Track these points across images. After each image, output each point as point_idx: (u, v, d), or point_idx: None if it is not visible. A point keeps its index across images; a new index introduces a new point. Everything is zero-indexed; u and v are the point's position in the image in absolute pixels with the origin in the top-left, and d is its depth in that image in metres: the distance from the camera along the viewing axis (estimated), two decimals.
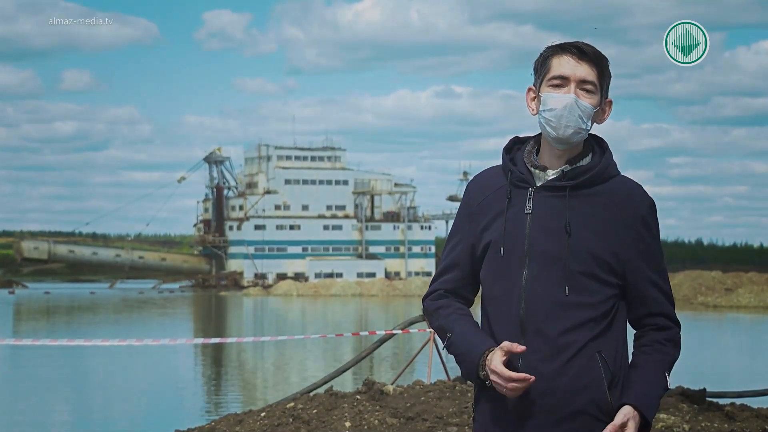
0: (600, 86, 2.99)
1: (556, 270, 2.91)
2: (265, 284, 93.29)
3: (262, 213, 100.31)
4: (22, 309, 57.44)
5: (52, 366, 25.17)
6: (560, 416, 2.89)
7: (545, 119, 2.96)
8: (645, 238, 2.97)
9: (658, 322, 3.05)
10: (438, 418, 7.92)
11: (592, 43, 3.01)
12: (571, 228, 2.92)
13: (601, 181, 2.96)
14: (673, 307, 3.10)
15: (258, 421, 8.46)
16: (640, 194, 2.99)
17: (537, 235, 2.94)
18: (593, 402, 2.90)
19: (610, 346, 2.95)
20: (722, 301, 60.09)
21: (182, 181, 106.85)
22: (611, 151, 3.04)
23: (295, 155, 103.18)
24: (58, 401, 19.01)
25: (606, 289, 2.94)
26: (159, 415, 17.03)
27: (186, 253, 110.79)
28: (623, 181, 3.00)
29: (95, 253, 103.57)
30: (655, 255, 3.00)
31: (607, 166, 2.98)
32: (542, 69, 3.01)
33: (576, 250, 2.91)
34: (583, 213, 2.93)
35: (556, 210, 2.94)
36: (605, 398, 2.90)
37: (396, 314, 50.12)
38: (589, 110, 2.96)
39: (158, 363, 26.20)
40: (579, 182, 2.94)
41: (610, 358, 2.94)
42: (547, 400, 2.90)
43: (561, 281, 2.91)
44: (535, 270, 2.93)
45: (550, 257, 2.92)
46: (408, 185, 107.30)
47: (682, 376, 20.81)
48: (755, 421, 8.33)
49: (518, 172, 3.01)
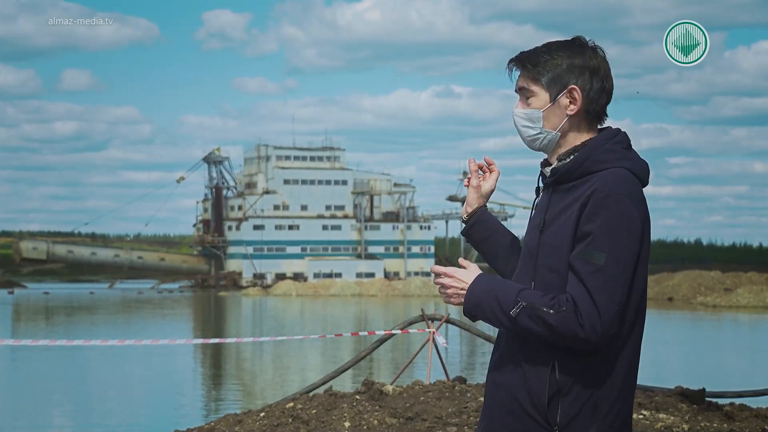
0: (542, 84, 2.98)
1: (529, 265, 2.98)
2: (264, 284, 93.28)
3: (261, 213, 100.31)
4: (21, 309, 57.42)
5: (51, 366, 25.17)
6: (509, 412, 2.90)
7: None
8: (585, 224, 2.83)
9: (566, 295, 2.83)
10: (437, 418, 7.92)
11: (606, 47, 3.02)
12: (545, 224, 2.96)
13: (577, 176, 2.93)
14: (592, 306, 2.76)
15: (257, 421, 8.46)
16: (600, 182, 2.86)
17: (528, 231, 3.06)
18: (533, 405, 2.84)
19: (564, 353, 2.83)
20: (721, 301, 60.08)
21: (181, 181, 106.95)
22: (612, 145, 2.94)
23: (294, 155, 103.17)
24: (58, 402, 19.00)
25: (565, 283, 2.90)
26: (159, 415, 17.02)
27: (185, 253, 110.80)
28: (604, 174, 2.89)
29: (94, 254, 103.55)
30: (589, 243, 2.81)
31: (584, 161, 2.92)
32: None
33: (545, 245, 2.93)
34: (557, 208, 2.95)
35: (541, 207, 3.03)
36: (543, 403, 2.82)
37: (395, 314, 50.12)
38: (531, 114, 3.01)
39: (158, 363, 26.19)
40: (555, 179, 2.98)
41: (564, 364, 2.82)
42: (498, 397, 2.94)
43: (530, 277, 2.96)
44: (521, 264, 3.04)
45: (529, 253, 2.99)
46: (407, 185, 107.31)
47: (682, 376, 20.86)
48: (754, 421, 8.34)
49: (541, 173, 3.12)
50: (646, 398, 8.76)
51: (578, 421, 2.82)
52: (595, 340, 2.76)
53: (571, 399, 2.81)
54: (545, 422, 2.82)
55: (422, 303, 49.35)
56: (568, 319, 2.76)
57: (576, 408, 2.82)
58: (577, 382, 2.82)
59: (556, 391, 2.82)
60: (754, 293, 59.54)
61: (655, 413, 8.28)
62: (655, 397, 8.80)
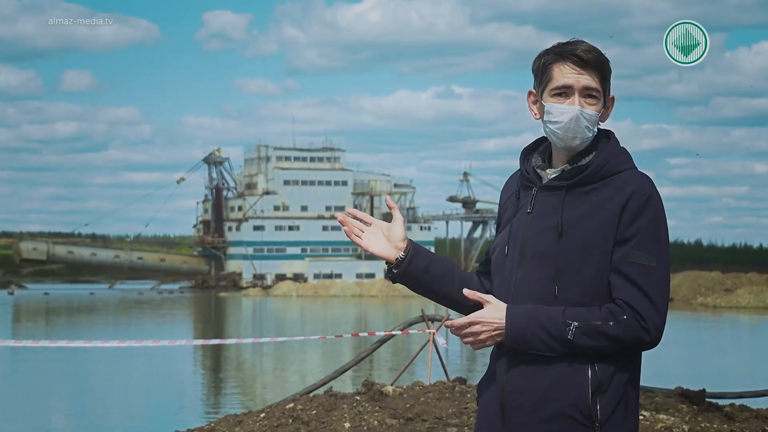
0: (603, 90, 2.98)
1: (546, 270, 2.91)
2: (264, 285, 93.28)
3: (261, 214, 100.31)
4: (22, 310, 57.42)
5: (51, 367, 25.17)
6: (542, 415, 2.87)
7: (551, 130, 2.97)
8: (627, 226, 2.87)
9: (615, 303, 2.87)
10: (437, 418, 7.92)
11: (594, 43, 3.00)
12: (563, 227, 2.90)
13: (599, 178, 2.93)
14: (651, 307, 2.84)
15: (257, 422, 8.45)
16: (636, 184, 2.91)
17: (532, 235, 2.95)
18: (575, 405, 2.85)
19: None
20: (722, 302, 60.11)
21: (181, 181, 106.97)
22: (621, 146, 3.00)
23: (295, 156, 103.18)
24: (58, 402, 19.00)
25: (597, 288, 2.90)
26: (159, 415, 17.03)
27: (185, 254, 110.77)
28: (628, 175, 2.94)
29: (94, 254, 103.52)
30: (636, 245, 2.86)
31: (605, 163, 2.94)
32: (543, 76, 2.99)
33: (570, 249, 2.88)
34: (578, 212, 2.91)
35: (552, 209, 2.94)
36: (587, 402, 2.84)
37: (396, 315, 50.11)
38: (594, 117, 2.96)
39: (158, 364, 26.19)
40: (574, 181, 2.94)
41: (601, 363, 2.87)
42: (530, 397, 2.88)
43: (550, 281, 2.90)
44: (527, 269, 2.94)
45: (542, 257, 2.92)
46: (408, 186, 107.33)
47: (682, 377, 20.85)
48: (755, 421, 8.33)
49: (525, 172, 3.04)
50: (646, 399, 8.75)
51: (615, 417, 2.87)
52: (657, 340, 2.87)
53: (608, 396, 2.86)
54: (587, 421, 2.84)
55: (422, 304, 49.27)
56: (632, 327, 2.83)
57: (613, 405, 2.87)
58: (613, 379, 2.87)
59: (596, 389, 2.85)
60: (755, 294, 59.57)
61: (656, 414, 8.28)
62: (655, 398, 8.79)
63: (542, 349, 2.85)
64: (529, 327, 2.85)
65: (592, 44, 2.98)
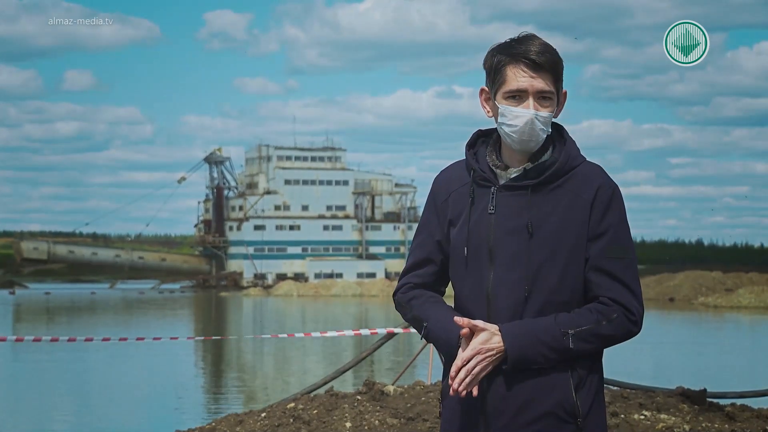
0: (557, 90, 2.95)
1: (520, 270, 2.88)
2: (265, 285, 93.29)
3: (262, 213, 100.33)
4: (22, 309, 57.44)
5: (52, 367, 25.18)
6: (527, 417, 2.87)
7: (506, 132, 2.93)
8: (599, 222, 2.90)
9: (600, 301, 2.90)
10: (438, 418, 7.92)
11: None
12: (533, 227, 2.88)
13: (563, 174, 2.92)
14: (634, 299, 2.90)
15: (258, 421, 8.46)
16: (599, 178, 2.93)
17: (500, 236, 2.91)
18: (559, 404, 2.87)
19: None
20: (723, 302, 60.05)
21: (182, 181, 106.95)
22: (572, 139, 2.99)
23: (296, 155, 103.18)
24: (59, 401, 19.00)
25: (572, 285, 2.91)
26: (160, 415, 17.03)
27: (186, 253, 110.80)
28: (584, 168, 2.95)
29: (95, 254, 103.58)
30: (611, 240, 2.90)
31: (567, 158, 2.93)
32: (496, 77, 2.94)
33: (543, 247, 2.87)
34: (546, 210, 2.90)
35: (518, 209, 2.91)
36: (571, 399, 2.87)
37: (396, 314, 49.85)
38: (549, 119, 2.93)
39: (159, 363, 26.20)
40: (541, 180, 2.91)
41: (580, 360, 2.90)
42: (513, 401, 2.88)
43: (522, 281, 2.88)
44: (500, 271, 2.90)
45: (513, 258, 2.89)
46: (409, 185, 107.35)
47: (683, 377, 20.84)
48: (756, 421, 8.33)
49: (480, 170, 2.98)
50: (647, 399, 8.75)
51: (594, 409, 2.92)
52: (641, 327, 2.94)
53: (586, 390, 2.91)
54: (570, 417, 2.87)
55: None
56: (623, 323, 2.88)
57: (591, 398, 2.91)
58: (589, 373, 2.92)
59: (577, 386, 2.89)
60: (756, 294, 59.51)
61: (657, 414, 8.28)
62: (656, 398, 8.79)
63: (539, 362, 2.86)
64: (526, 344, 2.84)
65: (545, 42, 2.93)
